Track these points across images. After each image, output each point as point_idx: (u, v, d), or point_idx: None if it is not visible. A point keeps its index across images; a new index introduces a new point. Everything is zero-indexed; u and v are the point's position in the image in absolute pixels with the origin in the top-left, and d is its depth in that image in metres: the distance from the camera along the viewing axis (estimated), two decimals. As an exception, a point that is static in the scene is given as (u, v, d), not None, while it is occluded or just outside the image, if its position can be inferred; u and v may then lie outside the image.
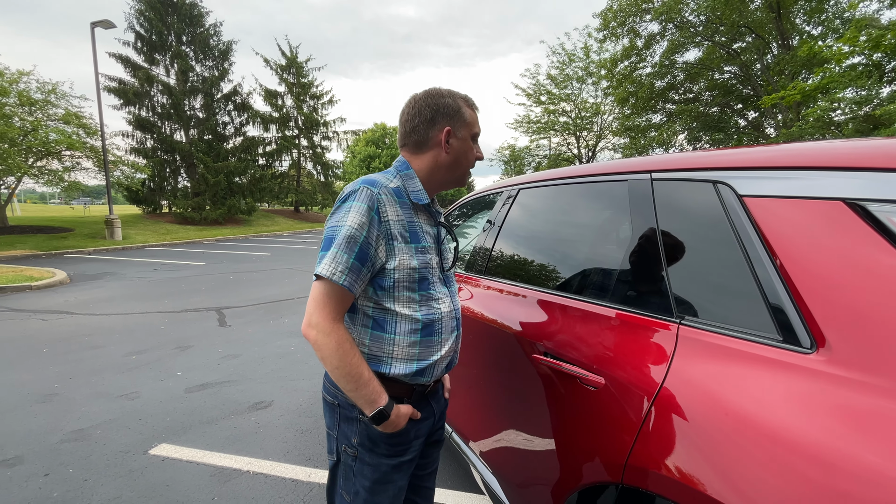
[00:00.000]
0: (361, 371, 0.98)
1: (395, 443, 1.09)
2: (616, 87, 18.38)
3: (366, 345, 1.06)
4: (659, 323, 0.98)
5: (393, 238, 1.02)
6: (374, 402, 1.00)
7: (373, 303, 1.05)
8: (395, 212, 1.04)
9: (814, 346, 0.73)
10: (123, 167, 17.33)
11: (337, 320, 0.98)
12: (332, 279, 0.95)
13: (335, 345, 0.96)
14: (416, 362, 1.07)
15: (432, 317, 1.08)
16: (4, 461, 2.37)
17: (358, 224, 0.98)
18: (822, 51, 10.15)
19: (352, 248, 0.97)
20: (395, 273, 1.02)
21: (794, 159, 0.86)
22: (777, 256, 0.80)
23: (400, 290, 1.04)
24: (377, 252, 1.00)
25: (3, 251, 12.22)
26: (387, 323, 1.05)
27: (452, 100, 1.11)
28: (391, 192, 1.05)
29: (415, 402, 1.12)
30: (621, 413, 0.94)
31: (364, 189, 1.01)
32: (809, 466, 0.64)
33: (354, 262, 0.97)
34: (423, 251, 1.07)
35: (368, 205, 0.99)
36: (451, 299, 1.15)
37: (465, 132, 1.11)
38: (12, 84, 13.53)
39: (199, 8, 20.76)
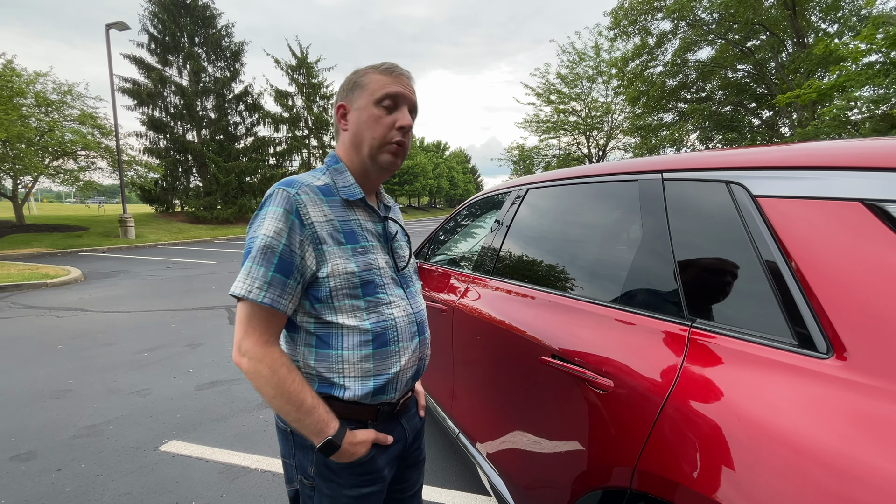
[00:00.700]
0: (303, 398, 0.86)
1: (358, 472, 0.96)
2: (627, 86, 18.21)
3: (312, 367, 0.93)
4: (670, 325, 0.96)
5: (321, 241, 0.89)
6: (320, 432, 0.88)
7: (313, 318, 0.92)
8: (321, 212, 0.91)
9: (830, 352, 0.71)
10: (137, 167, 17.61)
11: (269, 343, 0.87)
12: (250, 297, 0.84)
13: (268, 372, 0.85)
14: (372, 379, 0.93)
15: (384, 324, 0.94)
16: (18, 456, 2.42)
17: (274, 231, 0.85)
18: (839, 48, 9.95)
19: (269, 260, 0.85)
20: (331, 280, 0.89)
21: (810, 159, 0.84)
22: (792, 258, 0.78)
23: (340, 300, 0.91)
24: (304, 260, 0.88)
25: (20, 249, 12.47)
26: (332, 338, 0.92)
27: (355, 74, 0.98)
28: (315, 191, 0.92)
29: (382, 423, 0.99)
30: (631, 417, 0.93)
31: (279, 191, 0.89)
32: (825, 475, 0.62)
33: (275, 276, 0.85)
34: (362, 252, 0.94)
35: (285, 208, 0.87)
36: (408, 301, 1.01)
37: (363, 100, 0.94)
38: (29, 85, 13.81)
39: (211, 9, 20.99)
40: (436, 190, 58.57)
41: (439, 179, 58.22)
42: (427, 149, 61.45)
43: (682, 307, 0.96)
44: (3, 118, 12.02)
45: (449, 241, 2.72)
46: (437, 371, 2.14)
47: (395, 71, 0.97)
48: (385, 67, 0.97)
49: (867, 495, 0.58)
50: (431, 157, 58.16)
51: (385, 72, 0.96)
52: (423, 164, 50.25)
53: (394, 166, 0.99)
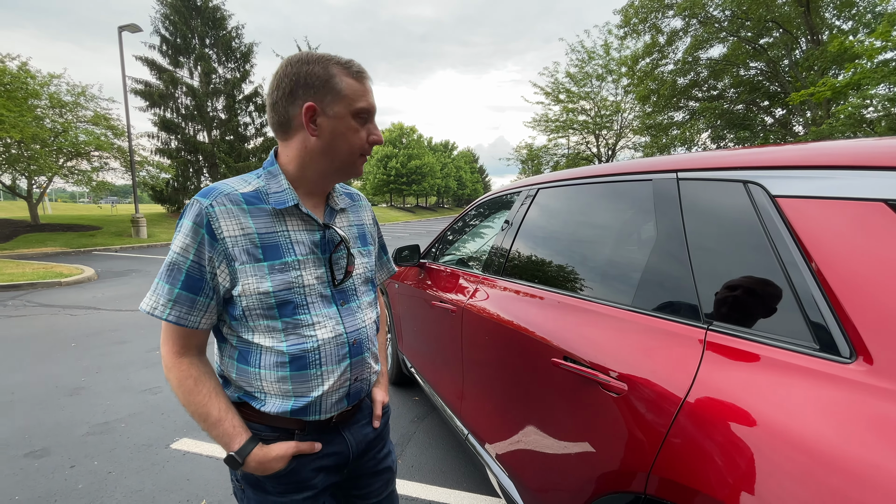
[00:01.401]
0: (208, 410, 0.84)
1: (282, 482, 0.92)
2: (637, 84, 18.07)
3: (234, 379, 0.90)
4: (685, 328, 0.95)
5: (233, 258, 0.82)
6: (226, 445, 0.85)
7: (234, 333, 0.89)
8: (237, 225, 0.83)
9: (853, 356, 0.69)
10: (149, 167, 17.86)
11: (180, 354, 0.86)
12: (154, 314, 0.82)
13: (176, 382, 0.85)
14: (291, 399, 0.89)
15: (303, 346, 0.87)
16: (32, 452, 2.45)
17: (181, 247, 0.81)
18: (853, 46, 9.79)
19: (175, 277, 0.81)
20: (243, 300, 0.84)
21: (831, 158, 0.82)
22: (813, 260, 0.76)
23: (255, 319, 0.85)
24: (216, 277, 0.83)
25: (35, 248, 12.68)
26: (250, 355, 0.88)
27: (321, 67, 0.84)
28: (237, 200, 0.84)
29: (312, 435, 0.93)
30: (645, 421, 0.91)
31: (193, 203, 0.83)
32: (848, 484, 0.60)
33: (181, 293, 0.82)
34: (284, 269, 0.86)
35: (195, 222, 0.81)
36: (341, 320, 0.92)
37: (339, 108, 0.85)
38: (44, 87, 14.04)
39: (221, 11, 21.15)
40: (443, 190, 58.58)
41: (447, 179, 58.23)
42: (435, 149, 61.48)
43: (699, 310, 0.94)
44: (18, 119, 12.24)
45: (458, 241, 2.72)
46: (446, 371, 2.13)
47: (366, 79, 0.89)
48: (356, 70, 0.87)
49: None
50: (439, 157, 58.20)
51: (357, 77, 0.87)
52: (430, 164, 50.29)
53: (360, 174, 0.96)
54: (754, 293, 0.87)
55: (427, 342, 2.46)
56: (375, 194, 53.09)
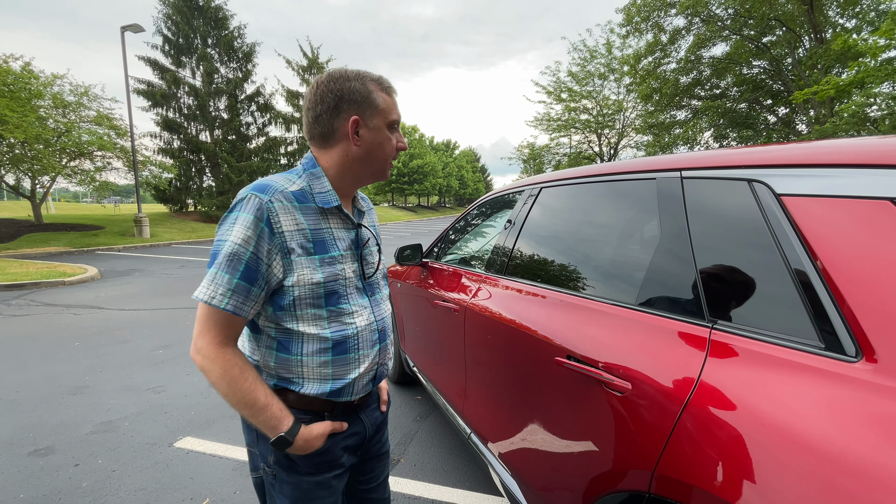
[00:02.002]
0: (255, 397, 0.88)
1: (315, 462, 1.00)
2: (639, 83, 18.02)
3: (272, 367, 0.97)
4: (689, 327, 0.94)
5: (290, 251, 0.90)
6: (274, 429, 0.90)
7: (273, 324, 0.94)
8: (293, 220, 0.91)
9: (859, 355, 0.69)
10: (152, 167, 17.91)
11: (223, 345, 0.88)
12: (212, 304, 0.85)
13: (220, 371, 0.87)
14: (330, 382, 0.97)
15: (345, 333, 0.97)
16: (37, 451, 2.46)
17: (242, 239, 0.85)
18: (857, 44, 9.75)
19: (235, 267, 0.85)
20: (295, 290, 0.91)
21: (837, 156, 0.81)
22: (818, 259, 0.76)
23: (303, 308, 0.93)
24: (271, 268, 0.89)
25: (39, 248, 12.73)
26: (291, 344, 0.94)
27: (360, 83, 0.95)
28: (290, 197, 0.92)
29: (339, 416, 1.02)
30: (649, 420, 0.91)
31: (251, 197, 0.88)
32: (854, 484, 0.60)
33: (239, 283, 0.86)
34: (330, 262, 0.95)
35: (256, 216, 0.86)
36: (371, 310, 1.04)
37: (378, 121, 0.97)
38: (47, 87, 14.08)
39: (223, 11, 21.18)
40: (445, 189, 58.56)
41: (449, 179, 58.21)
42: (436, 148, 61.46)
43: (703, 308, 0.94)
44: (21, 120, 12.28)
45: (460, 241, 2.71)
46: (448, 370, 2.13)
47: (395, 93, 1.02)
48: (387, 86, 0.99)
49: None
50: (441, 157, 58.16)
51: (388, 92, 0.99)
52: (432, 164, 50.28)
53: (388, 178, 1.07)
54: (759, 292, 0.87)
55: (429, 341, 2.46)
56: (377, 194, 53.11)
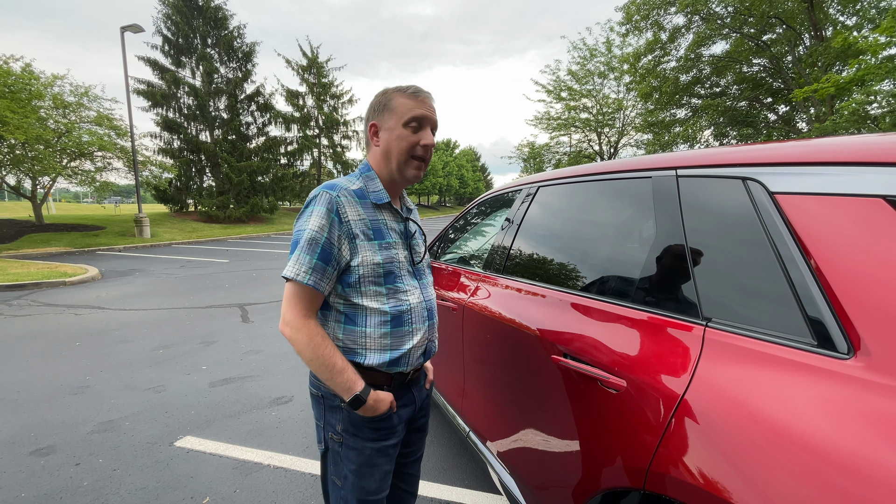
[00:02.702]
0: (335, 361, 1.04)
1: (377, 427, 1.14)
2: (639, 82, 17.98)
3: (340, 339, 1.12)
4: (684, 325, 0.95)
5: (355, 237, 1.07)
6: (349, 389, 1.05)
7: (342, 299, 1.11)
8: (356, 212, 1.08)
9: (851, 352, 0.69)
10: (152, 167, 17.93)
11: (307, 316, 1.05)
12: (297, 279, 1.02)
13: (306, 339, 1.03)
14: (389, 352, 1.12)
15: (401, 308, 1.12)
16: (38, 450, 2.47)
17: (318, 226, 1.04)
18: (858, 41, 9.71)
19: (314, 249, 1.03)
20: (360, 269, 1.07)
21: (830, 154, 0.82)
22: (811, 256, 0.77)
23: (366, 285, 1.09)
24: (341, 251, 1.06)
25: (40, 248, 12.74)
26: (357, 317, 1.10)
27: (383, 96, 1.13)
28: (352, 194, 1.10)
29: (395, 389, 1.16)
30: (644, 417, 0.91)
31: (323, 193, 1.06)
32: (846, 479, 0.61)
33: (318, 262, 1.03)
34: (386, 247, 1.12)
35: (328, 207, 1.04)
36: (420, 291, 1.19)
37: (392, 122, 1.11)
38: (47, 88, 14.08)
39: (223, 11, 21.19)
40: (445, 188, 58.53)
41: (449, 178, 58.16)
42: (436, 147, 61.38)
43: (698, 306, 0.94)
44: (22, 121, 12.28)
45: (459, 240, 2.72)
46: (447, 369, 2.14)
47: (420, 95, 1.12)
48: (411, 91, 1.11)
49: (888, 500, 0.56)
50: (441, 156, 58.10)
51: (411, 96, 1.11)
52: (432, 163, 50.20)
53: (417, 178, 1.16)
54: (752, 290, 0.87)
55: (429, 340, 2.46)
56: (377, 193, 52.95)
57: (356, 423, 1.12)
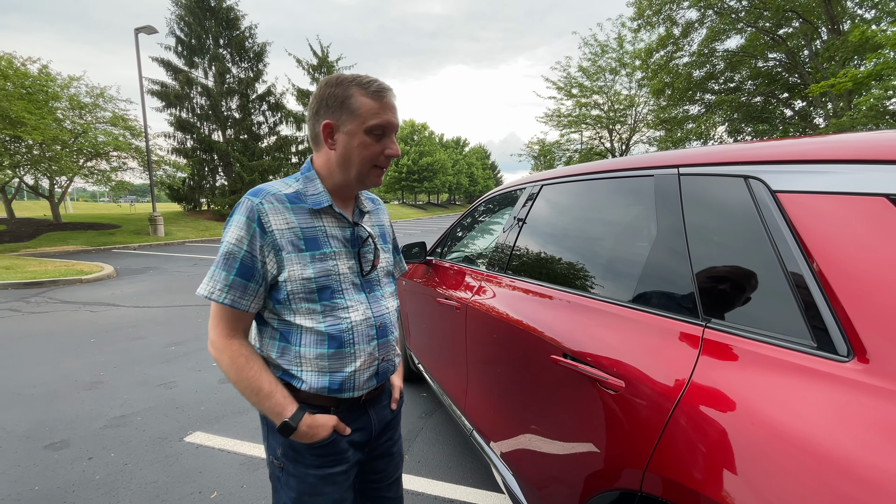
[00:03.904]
0: (261, 384, 0.95)
1: (320, 453, 1.02)
2: (651, 77, 17.76)
3: (274, 359, 1.01)
4: (683, 325, 0.94)
5: (280, 248, 0.95)
6: (278, 415, 0.95)
7: (275, 315, 1.00)
8: (283, 220, 0.96)
9: (851, 354, 0.68)
10: (166, 167, 18.20)
11: (230, 336, 0.96)
12: (212, 298, 0.93)
13: (228, 360, 0.94)
14: (328, 375, 1.00)
15: (339, 326, 0.99)
16: (52, 444, 2.53)
17: (236, 238, 0.93)
18: (876, 35, 9.48)
19: (230, 265, 0.93)
20: (288, 285, 0.95)
21: (832, 152, 0.80)
22: (812, 257, 0.75)
23: (297, 302, 0.97)
24: (266, 265, 0.95)
25: (57, 246, 13.02)
26: (291, 335, 0.99)
27: (342, 88, 0.95)
28: (281, 199, 0.97)
29: (344, 412, 1.04)
30: (641, 419, 0.90)
31: (245, 201, 0.95)
32: (845, 483, 0.59)
33: (236, 279, 0.93)
34: (321, 258, 0.98)
35: (247, 217, 0.93)
36: (368, 306, 1.05)
37: (353, 126, 0.95)
38: (64, 89, 14.37)
39: (235, 11, 21.37)
40: (455, 186, 58.48)
41: (459, 176, 58.11)
42: (446, 145, 61.37)
43: (697, 307, 0.93)
44: (39, 122, 12.55)
45: (463, 239, 2.72)
46: (450, 368, 2.14)
47: (385, 96, 0.97)
48: (374, 90, 0.96)
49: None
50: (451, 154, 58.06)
51: (374, 96, 0.95)
52: (442, 161, 50.20)
53: (378, 184, 1.05)
54: (753, 290, 0.86)
55: (433, 339, 2.47)
56: (387, 192, 53.24)
57: (297, 447, 1.00)
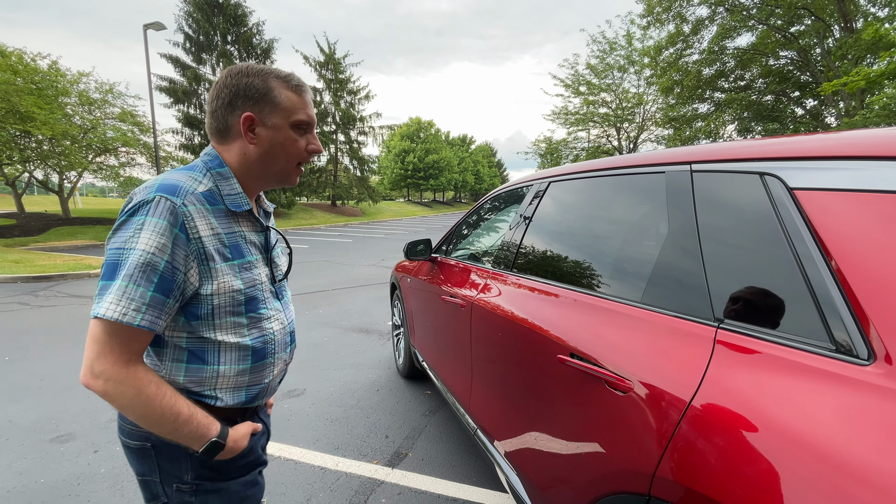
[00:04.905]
0: (178, 410, 0.80)
1: (245, 464, 0.96)
2: (660, 75, 17.60)
3: (180, 382, 0.87)
4: (695, 326, 0.91)
5: (208, 258, 0.82)
6: (201, 437, 0.83)
7: (186, 333, 0.85)
8: (208, 225, 0.83)
9: (871, 358, 0.65)
10: (174, 162, 18.30)
11: (131, 363, 0.77)
12: (125, 321, 0.73)
13: (133, 393, 0.76)
14: (244, 390, 0.92)
15: (264, 338, 0.92)
16: (59, 437, 2.54)
17: (157, 246, 0.75)
18: (889, 33, 9.32)
19: (149, 279, 0.75)
20: (215, 299, 0.84)
21: (852, 148, 0.77)
22: (831, 256, 0.72)
23: (222, 317, 0.86)
24: (187, 277, 0.80)
25: (66, 241, 13.15)
26: (207, 354, 0.86)
27: (261, 79, 0.88)
28: (201, 200, 0.83)
29: (250, 418, 0.99)
30: (651, 421, 0.88)
31: (161, 200, 0.77)
32: (862, 491, 0.57)
33: (155, 296, 0.76)
34: (248, 267, 0.90)
35: (169, 221, 0.77)
36: (284, 313, 1.00)
37: (278, 119, 0.89)
38: (73, 84, 14.49)
39: (242, 8, 21.45)
40: (461, 184, 58.40)
41: (465, 174, 58.00)
42: (452, 143, 61.27)
43: (710, 307, 0.90)
44: (49, 117, 12.66)
45: (469, 236, 2.70)
46: (455, 366, 2.13)
47: (305, 92, 0.93)
48: (295, 84, 0.91)
49: (911, 516, 0.53)
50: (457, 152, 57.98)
51: (296, 90, 0.91)
52: (448, 159, 50.11)
53: (296, 183, 0.99)
54: (768, 291, 0.83)
55: (438, 337, 2.45)
56: (392, 189, 53.23)
57: (216, 464, 0.90)
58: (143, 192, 0.79)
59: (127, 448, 0.91)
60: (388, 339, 4.40)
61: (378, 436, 2.60)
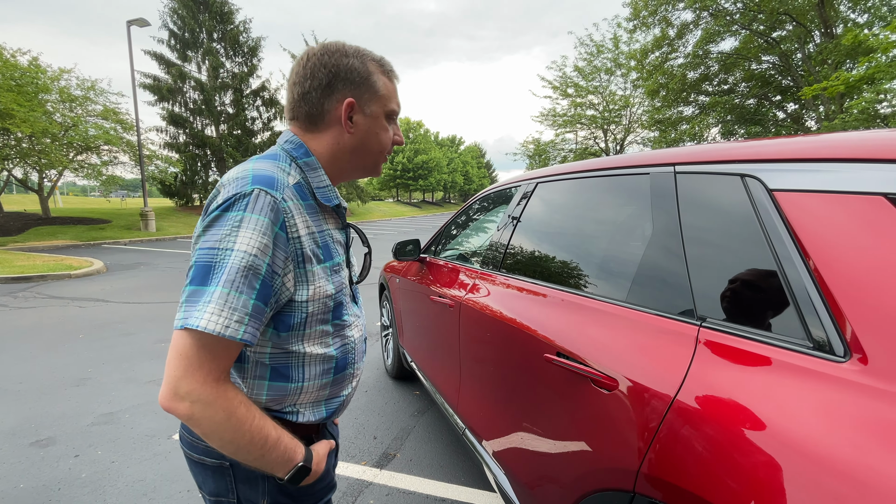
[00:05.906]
0: (267, 433, 0.71)
1: (321, 487, 0.87)
2: (646, 78, 17.84)
3: (262, 401, 0.79)
4: (678, 325, 0.93)
5: (305, 260, 0.74)
6: (289, 461, 0.74)
7: (271, 346, 0.76)
8: (304, 222, 0.74)
9: (847, 355, 0.67)
10: (158, 161, 17.99)
11: (221, 381, 0.67)
12: (227, 335, 0.64)
13: (223, 416, 0.66)
14: (324, 404, 0.85)
15: (346, 347, 0.85)
16: (38, 442, 2.49)
17: (258, 247, 0.66)
18: (868, 39, 9.58)
19: (252, 285, 0.66)
20: (309, 306, 0.75)
21: (830, 150, 0.79)
22: (809, 256, 0.74)
23: (313, 326, 0.78)
24: (283, 283, 0.72)
25: (46, 241, 12.85)
26: (291, 370, 0.78)
27: (360, 61, 0.80)
28: (295, 194, 0.75)
29: (324, 434, 0.93)
30: (634, 418, 0.90)
31: (261, 194, 0.68)
32: (841, 485, 0.59)
33: (257, 304, 0.67)
34: (337, 270, 0.81)
35: (271, 219, 0.68)
36: (361, 318, 0.93)
37: (376, 107, 0.82)
38: (54, 81, 14.16)
39: (229, 5, 21.19)
40: (450, 185, 58.47)
41: (454, 174, 58.10)
42: (442, 143, 61.33)
43: (692, 306, 0.92)
44: (28, 114, 12.36)
45: (457, 237, 2.71)
46: (444, 366, 2.13)
47: (396, 78, 0.87)
48: (390, 69, 0.85)
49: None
50: (446, 152, 58.05)
51: (390, 77, 0.85)
52: (437, 159, 50.15)
53: (380, 174, 0.93)
54: (748, 290, 0.85)
55: (426, 337, 2.45)
56: (381, 189, 53.09)
57: (291, 490, 0.83)
58: (237, 183, 0.69)
59: (201, 465, 0.81)
60: (376, 339, 4.38)
61: (366, 437, 2.59)
